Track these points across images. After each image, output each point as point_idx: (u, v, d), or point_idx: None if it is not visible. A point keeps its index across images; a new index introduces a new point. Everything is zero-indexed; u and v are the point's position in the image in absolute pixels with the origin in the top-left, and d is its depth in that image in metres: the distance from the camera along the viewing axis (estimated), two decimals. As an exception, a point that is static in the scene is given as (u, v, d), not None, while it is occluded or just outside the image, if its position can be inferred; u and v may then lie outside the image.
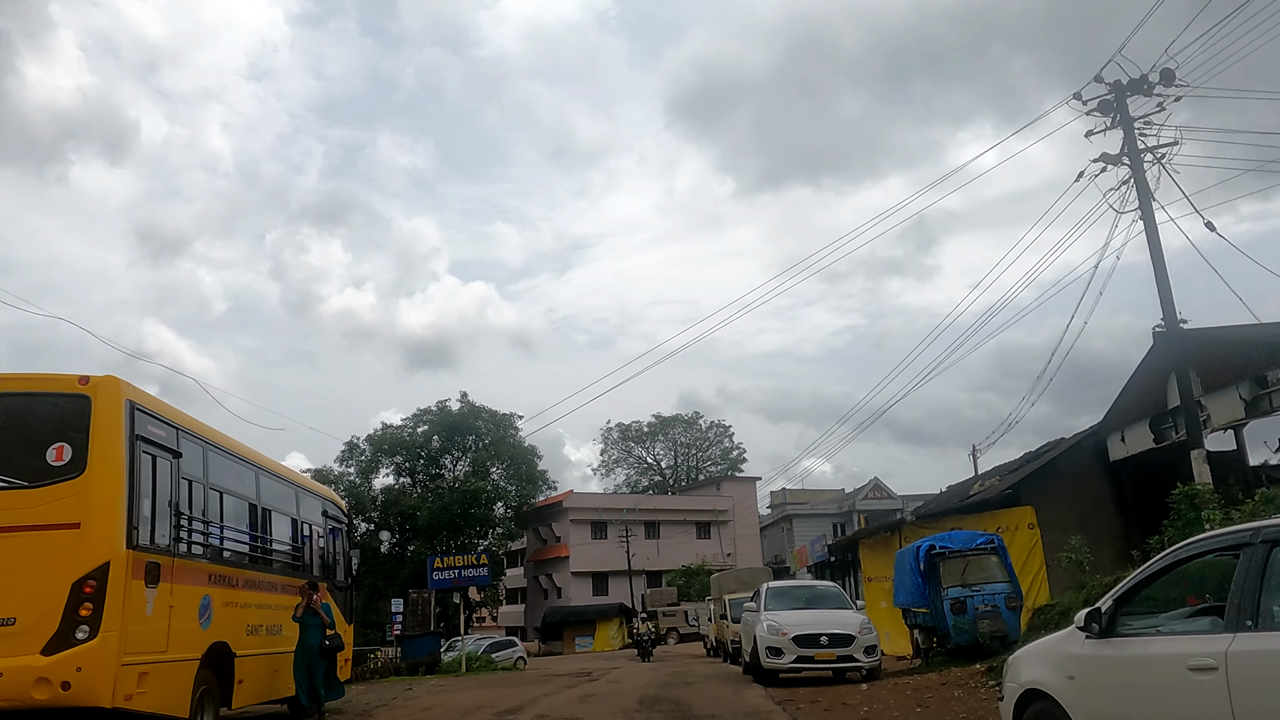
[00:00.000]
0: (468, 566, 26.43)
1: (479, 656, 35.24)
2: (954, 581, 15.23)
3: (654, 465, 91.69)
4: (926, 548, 15.81)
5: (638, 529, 62.60)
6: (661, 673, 21.19)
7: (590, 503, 65.31)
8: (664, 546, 64.34)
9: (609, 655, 44.96)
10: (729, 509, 66.90)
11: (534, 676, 24.03)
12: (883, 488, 70.32)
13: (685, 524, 66.23)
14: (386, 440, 67.87)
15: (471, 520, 65.48)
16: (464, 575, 26.39)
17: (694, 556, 63.61)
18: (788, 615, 14.89)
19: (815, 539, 26.76)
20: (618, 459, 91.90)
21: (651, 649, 31.93)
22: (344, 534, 14.14)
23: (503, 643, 41.44)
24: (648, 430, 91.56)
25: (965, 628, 14.72)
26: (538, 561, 67.24)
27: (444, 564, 26.75)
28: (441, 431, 69.22)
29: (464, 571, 26.30)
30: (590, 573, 62.55)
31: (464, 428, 69.06)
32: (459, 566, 26.49)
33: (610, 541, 62.82)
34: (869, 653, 14.15)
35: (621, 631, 56.79)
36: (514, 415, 71.17)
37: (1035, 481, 19.96)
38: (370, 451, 68.12)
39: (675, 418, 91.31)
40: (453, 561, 26.93)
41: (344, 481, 66.21)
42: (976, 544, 15.80)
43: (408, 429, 69.57)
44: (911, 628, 16.65)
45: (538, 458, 69.05)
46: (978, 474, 31.01)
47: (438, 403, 70.23)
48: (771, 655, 14.18)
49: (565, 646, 57.17)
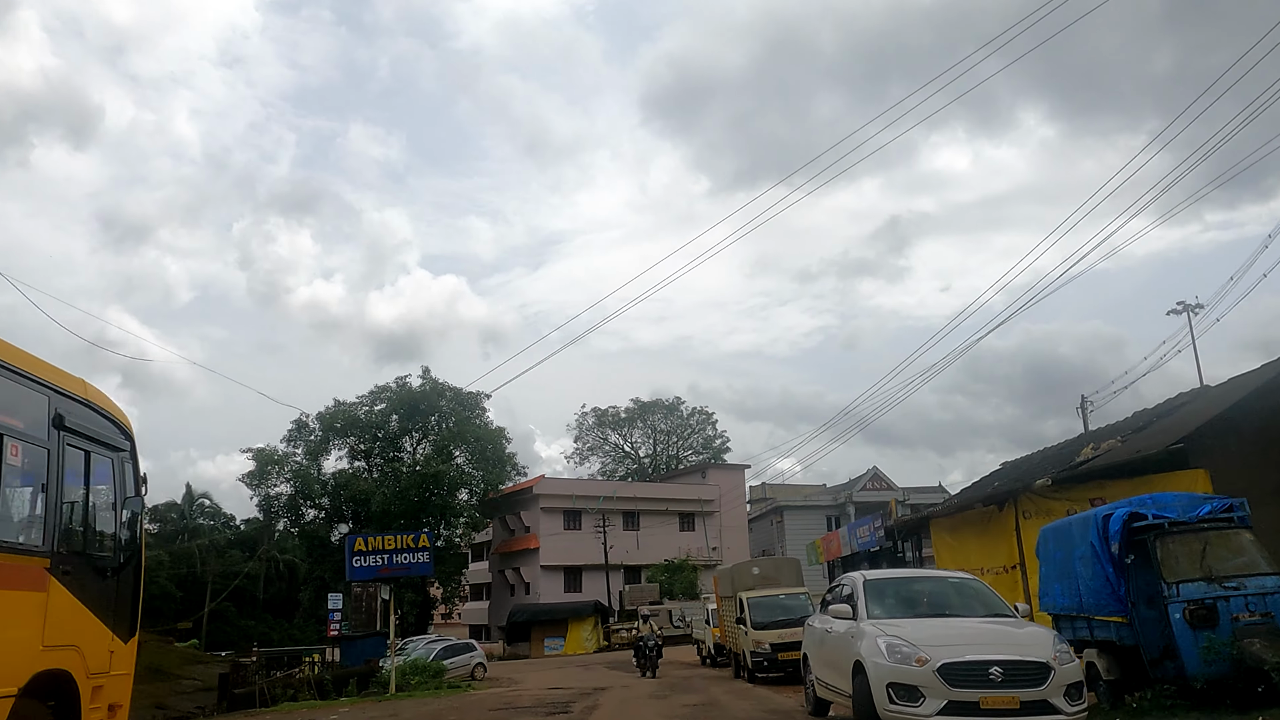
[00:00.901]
0: (402, 550, 19.67)
1: (426, 666, 28.89)
2: (1190, 573, 9.09)
3: (632, 454, 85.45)
4: (1124, 516, 9.64)
5: (615, 519, 56.27)
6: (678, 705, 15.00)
7: (563, 489, 58.88)
8: (644, 539, 58.08)
9: (584, 661, 38.65)
10: (715, 499, 60.73)
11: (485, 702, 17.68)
12: (882, 478, 64.53)
13: (667, 515, 59.98)
14: (339, 418, 61.07)
15: (431, 507, 58.90)
16: (396, 562, 19.63)
17: (676, 550, 57.44)
18: (915, 627, 8.66)
19: (858, 522, 20.60)
20: (592, 446, 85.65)
21: (657, 659, 24.95)
22: (117, 469, 7.57)
23: (459, 646, 35.05)
24: (625, 416, 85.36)
25: (1219, 651, 8.62)
26: (504, 554, 60.75)
27: (369, 546, 19.97)
28: (401, 411, 62.58)
29: (396, 557, 19.55)
30: (562, 567, 56.14)
31: (426, 407, 62.43)
32: (389, 550, 19.64)
33: (585, 533, 56.47)
34: (1073, 696, 7.94)
35: (597, 633, 50.54)
36: (480, 394, 64.77)
37: (1211, 436, 13.90)
38: (321, 431, 61.30)
39: (655, 403, 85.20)
40: (382, 544, 20.07)
41: (289, 463, 59.41)
42: (1205, 512, 9.69)
43: (364, 407, 62.83)
44: (1084, 646, 10.42)
45: (506, 440, 62.67)
46: (1087, 432, 25.25)
47: (397, 379, 63.72)
48: (901, 699, 7.92)
49: (533, 649, 50.83)
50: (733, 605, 21.66)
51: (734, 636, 21.46)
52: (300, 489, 59.36)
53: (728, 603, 22.52)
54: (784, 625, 19.27)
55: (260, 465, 57.72)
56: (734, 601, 21.32)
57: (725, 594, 22.81)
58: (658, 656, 24.71)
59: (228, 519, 79.89)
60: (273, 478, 58.44)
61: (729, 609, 22.26)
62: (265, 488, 58.81)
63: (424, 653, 33.17)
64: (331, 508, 62.93)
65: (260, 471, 57.69)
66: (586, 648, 49.85)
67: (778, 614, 19.59)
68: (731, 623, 21.77)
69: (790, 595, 20.22)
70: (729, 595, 22.18)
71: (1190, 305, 46.41)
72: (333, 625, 35.01)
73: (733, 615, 21.75)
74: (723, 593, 23.37)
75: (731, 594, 21.33)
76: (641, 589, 52.55)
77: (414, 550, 19.79)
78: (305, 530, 62.19)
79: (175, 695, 29.21)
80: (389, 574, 20.11)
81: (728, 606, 22.45)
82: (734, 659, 22.21)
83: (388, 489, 57.40)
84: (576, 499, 57.35)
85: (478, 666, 33.77)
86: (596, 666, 33.77)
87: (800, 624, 19.33)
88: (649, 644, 25.04)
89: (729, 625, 22.15)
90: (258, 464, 57.84)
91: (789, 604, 19.94)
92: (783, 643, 18.94)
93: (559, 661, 41.83)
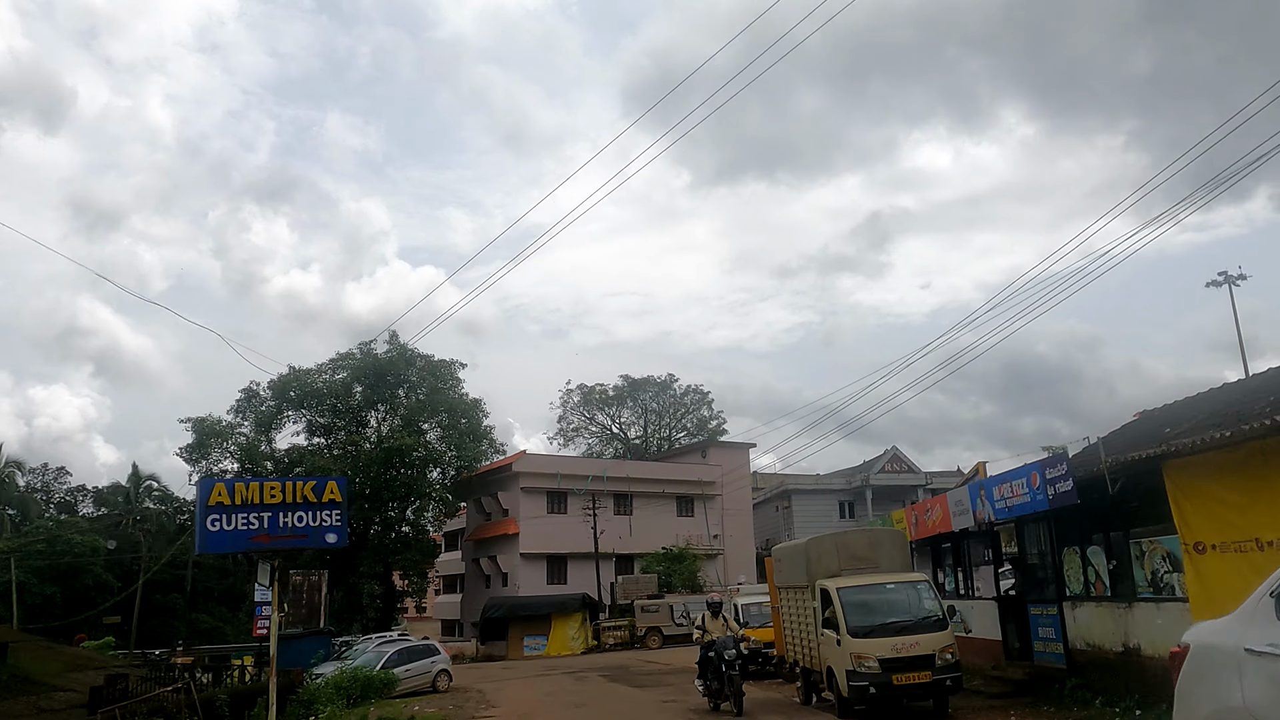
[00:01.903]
0: (294, 507, 11.94)
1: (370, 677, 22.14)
2: None
3: (620, 435, 78.69)
4: None
5: (605, 503, 49.45)
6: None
7: (546, 467, 52.01)
8: (638, 524, 51.36)
9: (573, 665, 31.95)
10: (716, 481, 54.06)
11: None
12: (903, 459, 58.09)
13: (664, 497, 53.23)
14: (294, 385, 53.91)
15: (396, 486, 51.95)
16: (285, 526, 11.90)
17: (674, 538, 50.80)
18: None
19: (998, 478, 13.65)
20: (578, 427, 78.87)
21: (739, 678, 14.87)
22: None
23: (418, 649, 28.21)
24: (614, 395, 78.60)
25: None
26: (479, 540, 53.84)
27: (237, 499, 12.08)
28: (366, 381, 55.50)
29: (285, 518, 11.92)
30: (545, 555, 49.33)
31: (394, 378, 55.37)
32: (272, 507, 11.80)
33: (570, 517, 49.69)
34: None
35: (584, 630, 43.81)
36: (455, 363, 57.85)
37: None
38: (273, 401, 54.12)
39: (646, 380, 78.49)
40: (260, 495, 12.26)
41: (234, 436, 52.26)
42: None
43: (323, 374, 55.72)
44: None
45: (484, 413, 55.74)
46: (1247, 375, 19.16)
47: (361, 345, 56.52)
48: None
49: (511, 648, 44.00)
50: (804, 600, 14.92)
51: (808, 646, 14.70)
52: (247, 466, 52.25)
53: (794, 596, 15.74)
54: (898, 631, 12.62)
55: (200, 437, 50.48)
56: (807, 594, 14.56)
57: (791, 582, 16.00)
58: (739, 671, 14.88)
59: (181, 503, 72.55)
60: (215, 452, 51.29)
61: (797, 605, 15.52)
62: (208, 463, 51.67)
63: (372, 657, 26.37)
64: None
65: (200, 444, 50.43)
66: (573, 648, 43.13)
67: (886, 614, 12.95)
68: (803, 625, 15.01)
69: (902, 585, 13.53)
70: (797, 585, 15.40)
71: (1231, 277, 40.55)
72: (261, 622, 28.14)
73: (803, 614, 14.99)
74: (785, 580, 16.55)
75: (805, 582, 14.56)
76: (637, 581, 45.87)
77: (314, 508, 11.91)
78: (254, 512, 55.07)
79: (36, 714, 22.30)
80: (273, 544, 12.43)
81: (795, 601, 15.70)
82: (804, 679, 15.45)
83: (347, 466, 50.36)
84: (561, 478, 50.53)
85: (440, 674, 27.01)
86: (591, 676, 27.06)
87: (924, 629, 12.71)
88: (726, 653, 14.64)
89: (799, 629, 15.39)
90: (197, 435, 50.60)
91: (900, 598, 13.29)
92: (898, 658, 12.30)
93: (542, 666, 35.12)
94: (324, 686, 21.64)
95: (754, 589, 24.14)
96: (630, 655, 37.31)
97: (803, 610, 14.91)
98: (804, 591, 14.74)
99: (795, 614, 15.57)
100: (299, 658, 29.23)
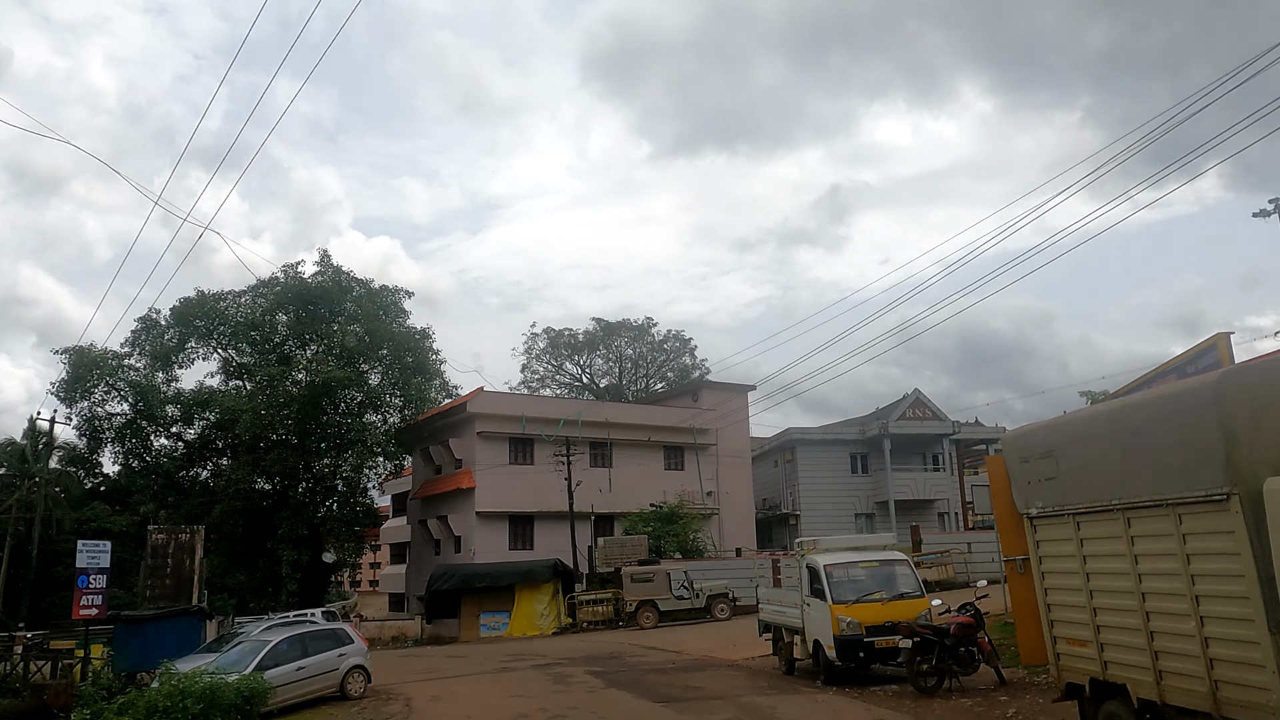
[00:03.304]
0: None
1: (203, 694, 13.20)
2: None
3: (591, 385, 69.74)
4: None
5: (581, 451, 40.53)
6: None
7: (508, 408, 42.95)
8: (619, 478, 42.63)
9: (545, 652, 23.12)
10: (711, 429, 45.39)
11: None
12: (926, 404, 49.79)
13: (649, 446, 44.45)
14: (202, 313, 44.26)
15: (326, 433, 42.69)
16: None
17: (660, 494, 42.10)
18: None
19: None
20: (544, 376, 69.72)
21: None
22: None
23: (319, 635, 18.98)
24: (584, 339, 69.58)
25: None
26: (427, 499, 44.74)
27: None
28: (292, 311, 45.95)
29: None
30: (507, 514, 40.38)
31: (326, 310, 45.79)
32: None
33: (538, 468, 40.78)
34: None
35: (556, 605, 35.14)
36: (401, 291, 48.47)
37: None
38: (176, 329, 44.39)
39: (621, 323, 69.54)
40: None
41: (122, 372, 42.55)
42: None
43: (241, 298, 46.12)
44: None
45: (433, 351, 46.49)
46: None
47: (285, 267, 46.80)
48: None
49: (464, 628, 35.23)
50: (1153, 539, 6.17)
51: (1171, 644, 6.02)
52: (141, 408, 42.64)
53: (1103, 528, 6.97)
54: None
55: (75, 371, 40.62)
56: (1167, 520, 5.82)
57: (1098, 499, 7.15)
58: None
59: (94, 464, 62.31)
60: (98, 389, 41.54)
61: (1112, 553, 6.77)
62: (90, 404, 41.95)
63: (247, 650, 17.36)
64: (198, 439, 46.29)
65: (75, 379, 40.58)
66: (541, 627, 34.46)
67: None
68: (1150, 596, 6.29)
69: None
70: (1131, 504, 6.64)
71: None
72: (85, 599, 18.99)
73: (1158, 570, 6.22)
74: (1069, 497, 7.67)
75: (1184, 490, 5.86)
76: (623, 544, 37.16)
77: None
78: (152, 466, 45.44)
79: None
80: None
81: (1103, 544, 6.94)
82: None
83: (265, 408, 41.01)
84: (527, 422, 41.52)
85: (352, 673, 18.05)
86: (576, 674, 18.31)
87: None
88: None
89: (1121, 605, 6.65)
90: (71, 369, 40.75)
91: None
92: None
93: (503, 653, 26.40)
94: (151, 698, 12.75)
95: (836, 543, 15.53)
96: (618, 637, 28.72)
97: (1154, 564, 6.10)
98: (1153, 517, 5.96)
99: (1109, 572, 6.75)
100: (157, 648, 20.30)
